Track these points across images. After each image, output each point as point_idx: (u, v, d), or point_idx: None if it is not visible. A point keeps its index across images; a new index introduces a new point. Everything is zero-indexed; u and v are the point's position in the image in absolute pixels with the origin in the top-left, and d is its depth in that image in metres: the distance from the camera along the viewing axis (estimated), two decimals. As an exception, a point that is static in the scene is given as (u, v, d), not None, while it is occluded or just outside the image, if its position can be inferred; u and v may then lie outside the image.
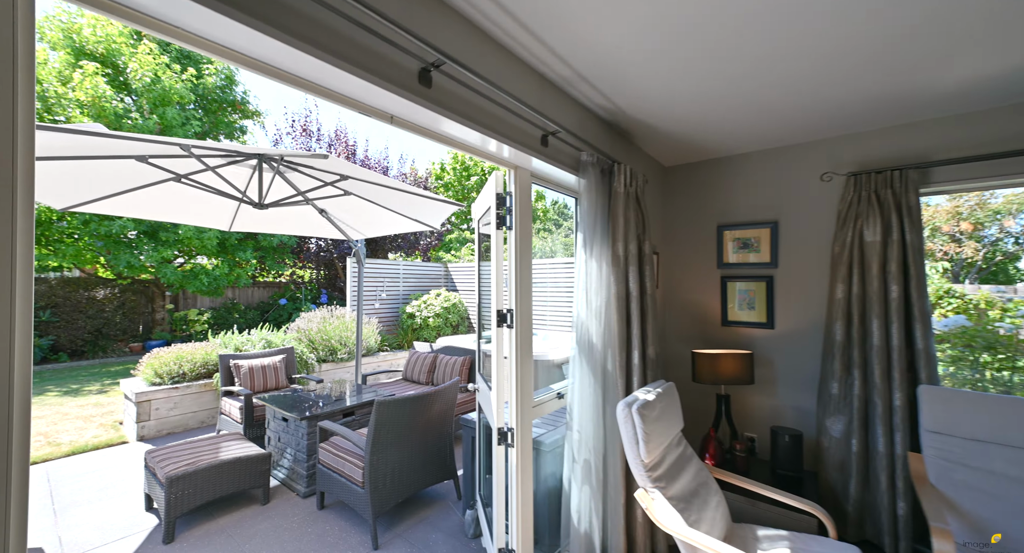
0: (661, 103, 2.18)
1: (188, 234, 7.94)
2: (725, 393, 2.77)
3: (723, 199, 3.06)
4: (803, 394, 2.71)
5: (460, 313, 7.69)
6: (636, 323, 2.29)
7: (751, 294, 2.94)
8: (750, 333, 2.94)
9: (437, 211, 4.08)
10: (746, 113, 2.29)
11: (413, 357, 4.82)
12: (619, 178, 2.26)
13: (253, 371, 4.20)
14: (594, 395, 2.09)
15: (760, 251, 2.90)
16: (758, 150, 2.89)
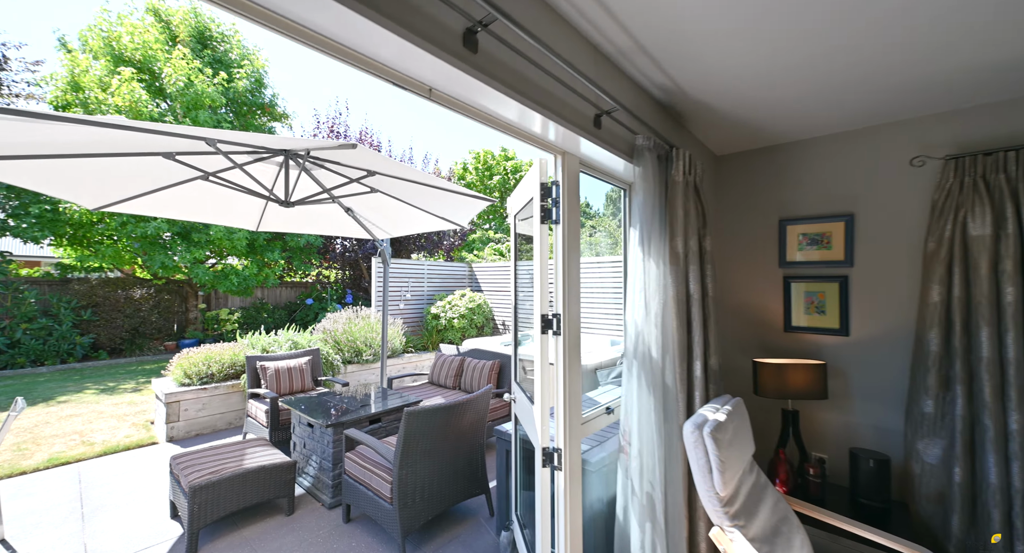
0: (728, 81, 1.90)
1: (219, 235, 8.07)
2: (793, 408, 2.45)
3: (786, 190, 2.74)
4: (886, 411, 2.37)
5: (485, 314, 7.51)
6: (698, 329, 2.02)
7: (820, 296, 2.60)
8: (818, 341, 2.61)
9: (465, 208, 3.89)
10: (825, 92, 1.99)
11: (440, 360, 4.65)
12: (677, 165, 2.00)
13: (279, 373, 4.12)
14: (652, 412, 1.83)
15: (832, 248, 2.57)
16: (831, 134, 2.56)
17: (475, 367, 4.24)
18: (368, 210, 4.38)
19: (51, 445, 3.91)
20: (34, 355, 7.28)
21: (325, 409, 3.21)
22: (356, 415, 3.07)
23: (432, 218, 4.36)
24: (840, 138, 2.53)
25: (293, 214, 4.49)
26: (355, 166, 3.11)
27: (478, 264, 8.37)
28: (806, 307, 2.65)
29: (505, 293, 7.80)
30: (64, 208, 7.19)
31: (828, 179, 2.58)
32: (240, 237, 8.27)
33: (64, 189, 3.04)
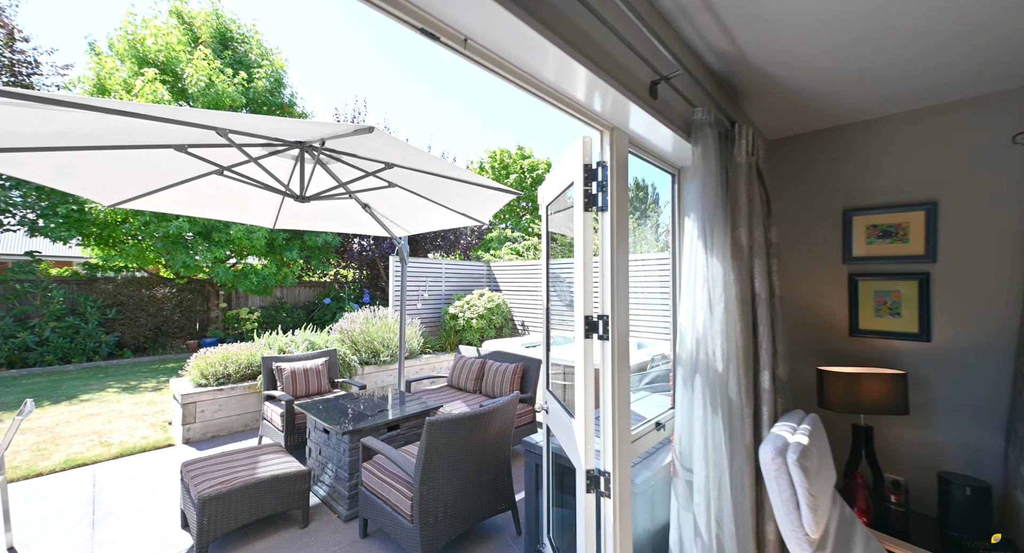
0: (797, 44, 1.62)
1: (239, 234, 8.08)
2: (866, 424, 2.14)
3: (852, 177, 2.43)
4: (980, 429, 2.04)
5: (504, 314, 7.30)
6: (765, 333, 1.75)
7: (894, 296, 2.29)
8: (892, 346, 2.29)
9: (487, 203, 3.67)
10: (916, 54, 1.69)
11: (459, 362, 4.45)
12: (740, 144, 1.73)
13: (295, 374, 3.99)
14: (713, 432, 1.57)
15: (908, 241, 2.25)
16: (911, 110, 2.24)
17: (497, 370, 4.02)
18: (386, 206, 4.22)
19: (69, 445, 3.86)
20: (61, 353, 7.41)
21: (341, 413, 3.04)
22: (373, 421, 2.88)
23: (452, 214, 4.17)
24: (922, 115, 2.21)
25: (310, 211, 4.37)
26: (372, 158, 2.93)
27: (496, 263, 8.16)
28: (876, 308, 2.34)
29: (525, 293, 7.58)
30: (90, 208, 7.29)
31: (905, 162, 2.26)
32: (259, 236, 8.27)
33: (78, 184, 2.95)
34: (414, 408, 3.23)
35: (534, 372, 3.85)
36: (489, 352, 4.48)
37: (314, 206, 4.24)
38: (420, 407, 3.25)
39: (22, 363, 7.13)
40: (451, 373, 4.50)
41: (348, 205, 4.27)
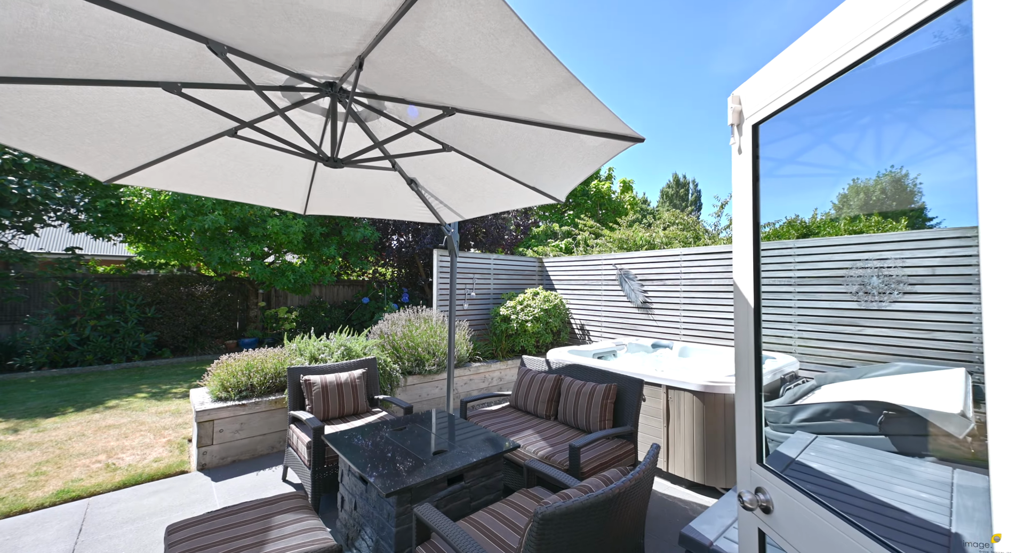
0: None
1: (275, 229, 7.61)
2: None
3: None
4: None
5: (562, 317, 6.34)
6: None
7: None
8: None
9: (574, 166, 2.72)
10: None
11: (525, 377, 3.54)
12: None
13: (327, 390, 3.22)
14: None
15: None
16: None
17: (580, 392, 3.06)
18: (435, 181, 3.37)
19: (72, 468, 3.28)
20: (101, 352, 7.18)
21: (383, 454, 2.20)
22: (429, 472, 2.01)
23: (520, 190, 3.27)
24: None
25: (345, 191, 3.60)
26: (426, 103, 2.07)
27: (550, 259, 7.21)
28: None
29: (583, 292, 6.58)
30: (126, 202, 7.01)
31: None
32: (296, 231, 7.77)
33: (64, 152, 2.30)
34: (482, 448, 2.33)
35: (631, 397, 2.86)
36: (562, 365, 3.54)
37: (350, 185, 3.47)
38: (490, 448, 2.35)
39: (63, 362, 6.95)
40: (515, 391, 3.59)
41: (389, 182, 3.47)
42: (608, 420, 2.87)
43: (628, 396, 2.88)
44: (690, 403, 3.05)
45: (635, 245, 8.89)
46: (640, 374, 3.24)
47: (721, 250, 4.96)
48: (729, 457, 2.92)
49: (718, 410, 2.95)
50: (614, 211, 16.43)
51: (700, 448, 2.98)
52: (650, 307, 5.68)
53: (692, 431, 3.03)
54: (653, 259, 5.68)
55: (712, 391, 2.96)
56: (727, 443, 2.93)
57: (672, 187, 34.66)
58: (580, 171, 2.71)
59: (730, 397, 2.95)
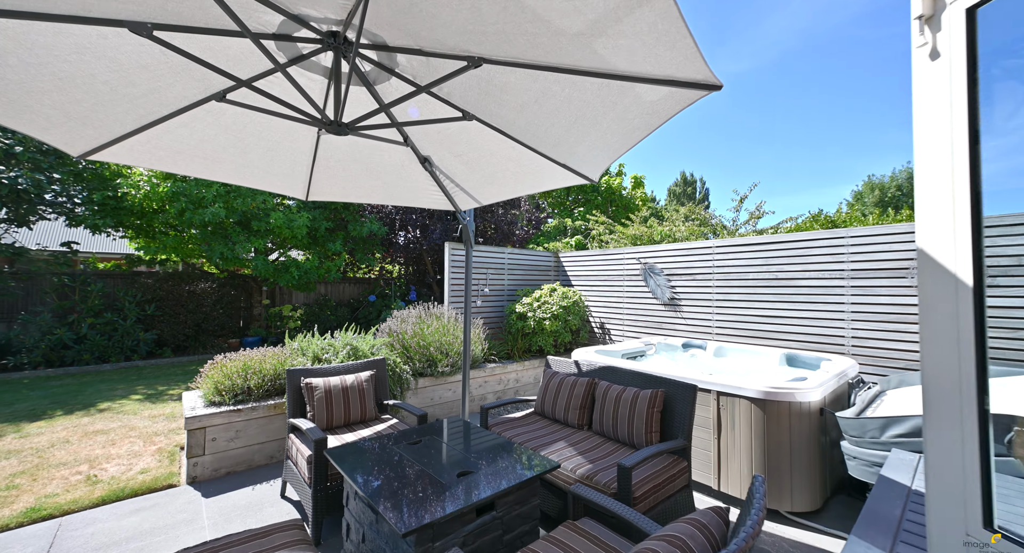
0: None
1: (279, 223, 7.28)
2: None
3: None
4: None
5: (580, 314, 5.93)
6: None
7: None
8: None
9: (612, 138, 2.34)
10: None
11: (553, 381, 3.14)
12: None
13: (331, 395, 2.85)
14: None
15: None
16: None
17: (619, 399, 2.66)
18: (452, 158, 3.00)
19: (48, 482, 2.94)
20: (99, 351, 6.90)
21: (395, 475, 1.82)
22: (455, 503, 1.62)
23: (549, 168, 2.91)
24: None
25: (351, 172, 3.24)
26: (447, 53, 1.71)
27: (567, 254, 6.81)
28: None
29: (603, 289, 6.17)
30: (124, 194, 6.71)
31: None
32: (300, 225, 7.43)
33: (29, 121, 1.97)
34: (514, 469, 1.94)
35: (682, 405, 2.45)
36: (594, 367, 3.14)
37: (356, 165, 3.10)
38: (524, 468, 1.96)
39: (59, 361, 6.67)
40: (541, 396, 3.20)
41: (400, 161, 3.11)
42: (655, 432, 2.47)
43: (678, 404, 2.47)
44: (747, 412, 2.64)
45: (651, 240, 8.46)
46: (688, 378, 2.84)
47: (761, 241, 4.53)
48: (796, 476, 2.51)
49: (781, 421, 2.54)
50: (624, 208, 15.99)
51: (760, 464, 2.57)
52: (678, 304, 5.26)
53: (750, 445, 2.62)
54: (682, 252, 5.25)
55: (774, 398, 2.54)
56: (793, 460, 2.51)
57: (679, 185, 34.00)
58: (624, 140, 2.31)
59: (796, 406, 2.53)
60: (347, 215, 8.72)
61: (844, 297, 3.95)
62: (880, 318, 3.72)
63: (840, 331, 3.95)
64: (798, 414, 2.53)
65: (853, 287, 3.89)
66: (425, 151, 2.93)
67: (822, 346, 4.05)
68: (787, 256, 4.33)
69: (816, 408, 2.56)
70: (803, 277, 4.22)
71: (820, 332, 4.07)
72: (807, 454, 2.52)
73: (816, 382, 2.66)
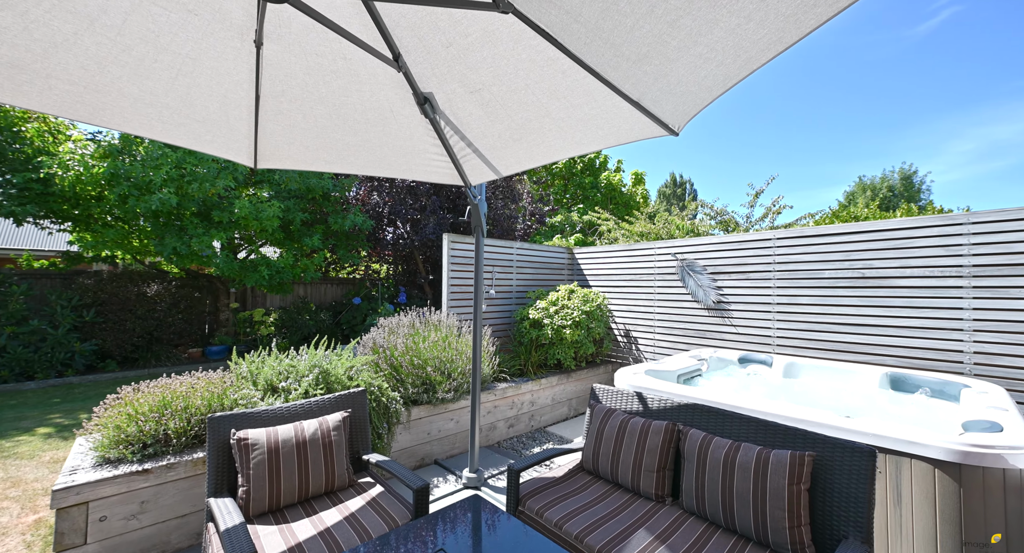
0: None
1: (244, 212, 6.18)
2: None
3: None
4: None
5: (604, 321, 4.99)
6: None
7: None
8: None
9: (703, 76, 1.38)
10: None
11: (608, 423, 2.18)
12: None
13: (277, 454, 1.84)
14: None
15: None
16: None
17: (728, 462, 1.70)
18: (466, 98, 2.03)
19: None
20: (21, 366, 5.71)
21: None
22: None
23: (614, 107, 1.96)
24: None
25: (317, 124, 2.26)
26: None
27: (584, 249, 5.87)
28: None
29: (626, 290, 5.25)
30: (48, 175, 5.55)
31: None
32: (270, 215, 6.34)
33: None
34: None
35: (848, 481, 1.51)
36: (670, 403, 2.18)
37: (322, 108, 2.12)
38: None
39: (-31, 380, 5.47)
40: (591, 443, 2.23)
41: (387, 104, 2.13)
42: (803, 525, 1.52)
43: (840, 478, 1.53)
44: (927, 480, 1.71)
45: (664, 235, 7.60)
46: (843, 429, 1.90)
47: (840, 231, 3.64)
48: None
49: (990, 500, 1.62)
50: (625, 205, 15.20)
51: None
52: (727, 308, 4.36)
53: (935, 532, 1.69)
54: (730, 246, 4.35)
55: (974, 461, 1.62)
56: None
57: (669, 186, 33.85)
58: (729, 71, 1.38)
59: (1012, 476, 1.62)
60: (327, 206, 7.65)
61: (963, 301, 3.08)
62: (1019, 328, 2.86)
63: (958, 345, 3.08)
64: (1017, 490, 1.61)
65: (976, 287, 3.03)
66: (427, 85, 1.95)
67: (929, 364, 3.18)
68: (877, 249, 3.45)
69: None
70: (901, 276, 3.34)
71: (926, 345, 3.20)
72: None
73: (1019, 433, 1.75)
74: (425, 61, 1.80)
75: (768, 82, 53.47)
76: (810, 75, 52.83)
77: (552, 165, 16.11)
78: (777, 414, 2.09)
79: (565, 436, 4.08)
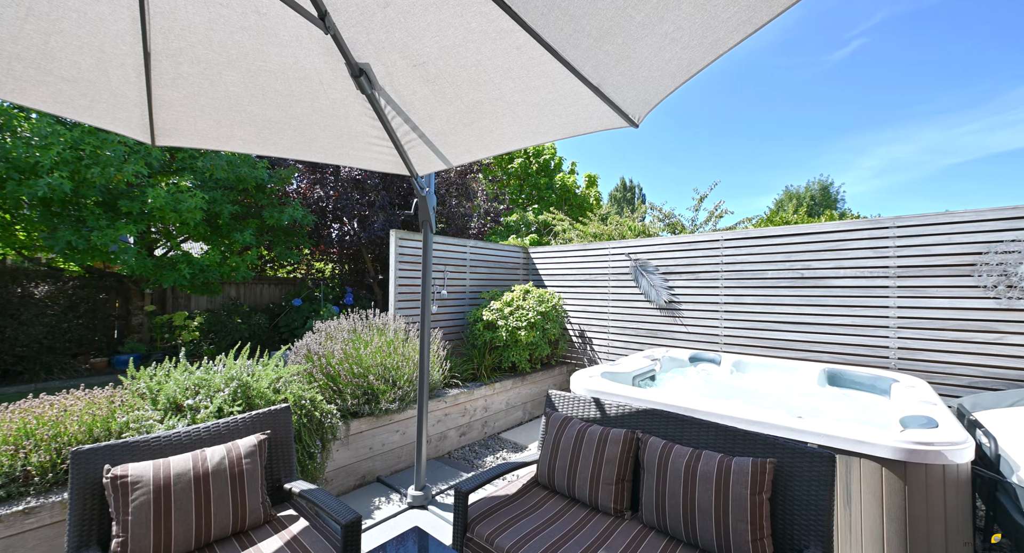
0: None
1: (159, 203, 5.43)
2: None
3: None
4: None
5: (559, 322, 4.90)
6: None
7: None
8: None
9: (667, 61, 1.28)
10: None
11: (565, 433, 2.03)
12: None
13: (167, 494, 1.50)
14: None
15: None
16: None
17: (689, 472, 1.61)
18: (409, 73, 1.80)
19: None
20: None
21: None
22: None
23: (574, 92, 1.81)
24: None
25: (226, 94, 1.92)
26: None
27: (539, 249, 5.76)
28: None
29: (585, 290, 5.21)
30: None
31: None
32: (192, 207, 5.62)
33: None
34: None
35: (808, 487, 1.46)
36: (629, 408, 2.07)
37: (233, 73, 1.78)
38: None
39: None
40: (546, 455, 2.07)
41: (314, 74, 1.85)
42: (764, 535, 1.45)
43: (800, 484, 1.48)
44: (875, 479, 1.72)
45: (616, 236, 7.72)
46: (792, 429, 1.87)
47: (782, 233, 3.78)
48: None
49: (932, 495, 1.65)
50: (579, 207, 15.49)
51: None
52: (678, 308, 4.42)
53: (881, 530, 1.70)
54: (681, 246, 4.42)
55: (920, 459, 1.65)
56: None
57: (620, 190, 35.47)
58: (694, 55, 1.29)
59: (951, 471, 1.66)
60: (261, 199, 6.98)
61: (889, 299, 3.29)
62: (936, 325, 3.09)
63: (885, 341, 3.28)
64: (955, 485, 1.66)
65: (900, 287, 3.25)
66: (362, 54, 1.69)
67: (861, 360, 3.37)
68: (815, 250, 3.62)
69: (968, 474, 1.71)
70: (836, 276, 3.52)
71: (858, 342, 3.39)
72: (959, 548, 1.66)
73: (954, 428, 1.81)
74: (359, 23, 1.55)
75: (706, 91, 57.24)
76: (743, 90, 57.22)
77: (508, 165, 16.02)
78: (733, 416, 2.05)
79: (520, 442, 3.92)
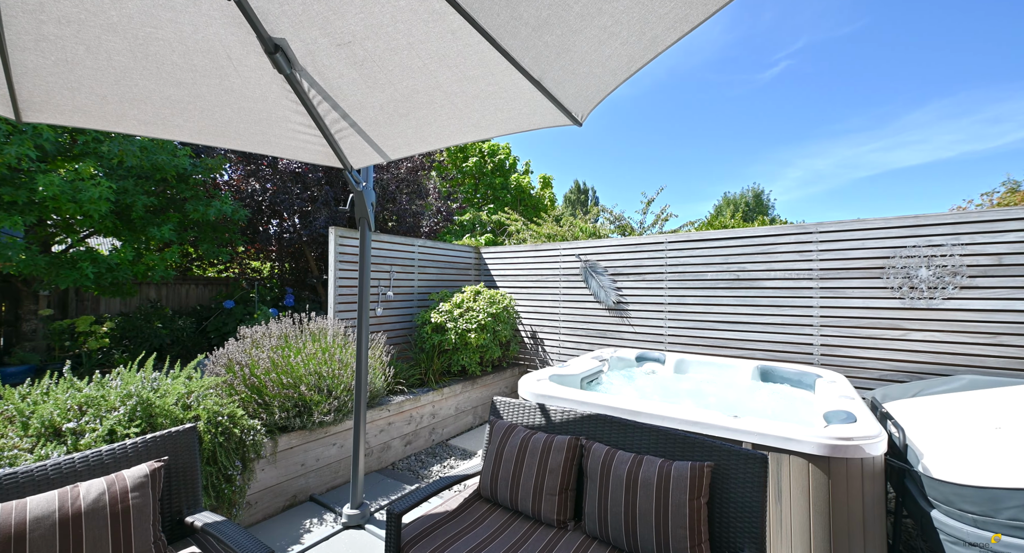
0: None
1: (54, 191, 4.72)
2: None
3: None
4: None
5: (511, 323, 4.84)
6: None
7: None
8: None
9: (607, 57, 1.24)
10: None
11: (508, 441, 1.94)
12: None
13: (20, 545, 1.23)
14: None
15: None
16: None
17: (630, 478, 1.58)
18: (334, 53, 1.62)
19: None
20: None
21: None
22: None
23: (514, 86, 1.71)
24: None
25: (116, 71, 1.65)
26: None
27: (491, 249, 5.66)
28: None
29: (536, 290, 5.18)
30: None
31: None
32: (96, 197, 4.94)
33: None
34: None
35: (743, 487, 1.48)
36: (574, 414, 2.02)
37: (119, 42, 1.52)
38: None
39: None
40: (488, 466, 1.97)
41: (220, 46, 1.63)
42: (702, 541, 1.44)
43: (735, 487, 1.49)
44: (802, 474, 1.79)
45: (569, 237, 7.83)
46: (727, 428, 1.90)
47: (720, 237, 3.96)
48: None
49: (852, 487, 1.74)
50: (534, 207, 15.63)
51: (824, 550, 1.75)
52: (625, 309, 4.50)
53: (809, 524, 1.77)
54: (628, 248, 4.51)
55: (842, 454, 1.73)
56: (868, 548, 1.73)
57: (574, 192, 36.57)
58: (635, 52, 1.26)
59: (868, 464, 1.76)
60: (184, 190, 6.30)
61: (812, 300, 3.54)
62: (852, 323, 3.36)
63: (809, 339, 3.52)
64: (871, 476, 1.76)
65: (822, 288, 3.50)
66: (277, 28, 1.49)
67: (789, 356, 3.59)
68: (749, 253, 3.82)
69: (882, 464, 1.83)
70: (767, 278, 3.73)
71: (787, 340, 3.61)
72: (880, 538, 1.77)
73: (870, 422, 1.94)
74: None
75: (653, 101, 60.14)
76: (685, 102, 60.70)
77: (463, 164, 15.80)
78: (675, 418, 2.07)
79: (469, 448, 3.80)
